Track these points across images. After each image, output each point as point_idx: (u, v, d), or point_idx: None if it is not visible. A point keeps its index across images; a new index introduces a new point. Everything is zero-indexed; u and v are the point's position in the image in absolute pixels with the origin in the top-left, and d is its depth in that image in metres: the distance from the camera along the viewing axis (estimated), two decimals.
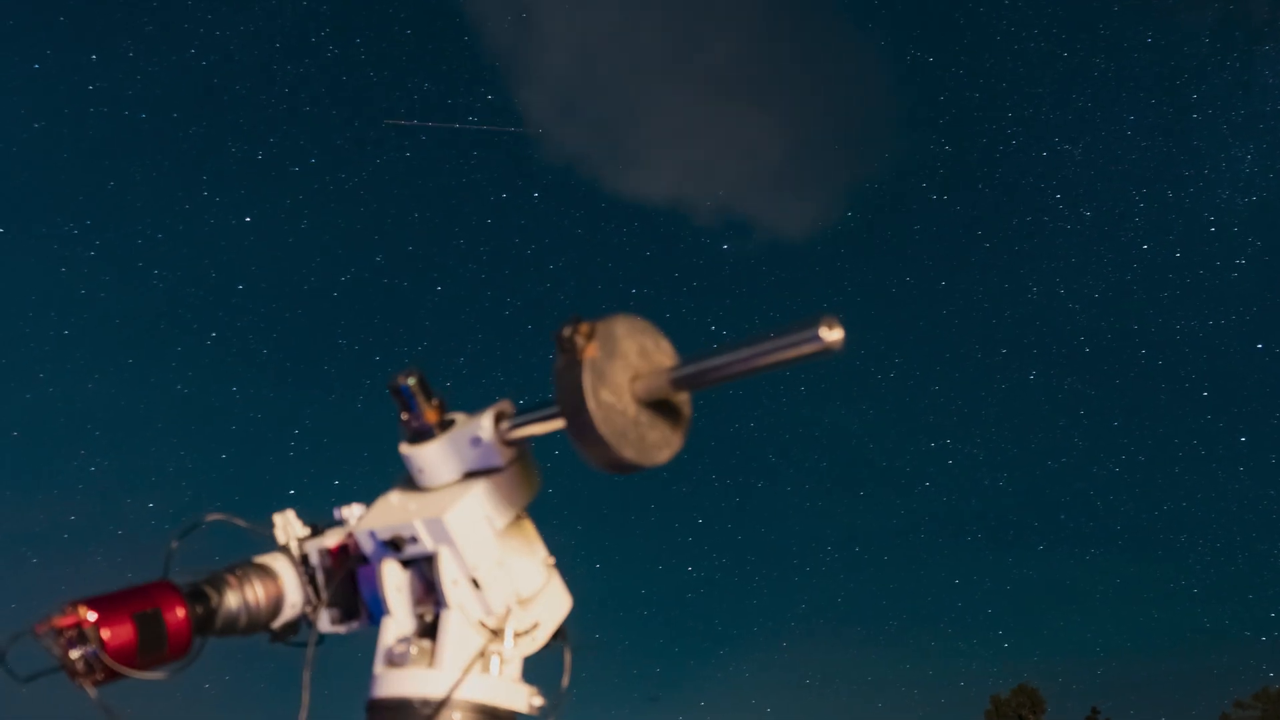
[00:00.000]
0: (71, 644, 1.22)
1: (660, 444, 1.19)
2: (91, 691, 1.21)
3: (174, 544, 1.35)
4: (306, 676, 1.28)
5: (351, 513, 1.39)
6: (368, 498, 1.37)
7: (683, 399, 1.22)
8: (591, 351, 1.14)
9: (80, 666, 1.21)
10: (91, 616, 1.22)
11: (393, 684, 1.25)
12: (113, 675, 1.23)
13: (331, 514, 1.41)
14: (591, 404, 1.12)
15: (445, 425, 1.31)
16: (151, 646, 1.25)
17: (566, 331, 1.14)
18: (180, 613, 1.28)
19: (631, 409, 1.16)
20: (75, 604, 1.23)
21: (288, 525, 1.41)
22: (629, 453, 1.14)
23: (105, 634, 1.22)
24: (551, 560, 1.36)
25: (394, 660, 1.26)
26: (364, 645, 1.31)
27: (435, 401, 1.31)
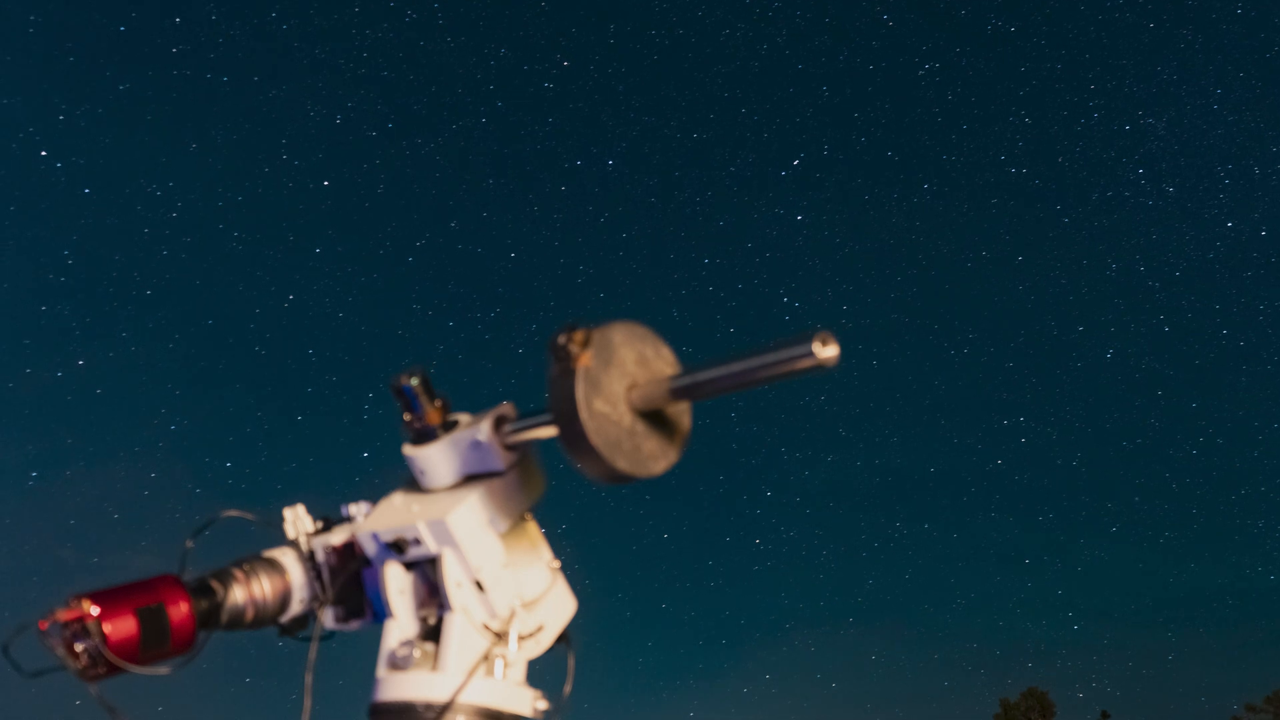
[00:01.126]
0: (76, 638, 1.22)
1: (656, 454, 1.17)
2: (93, 689, 1.22)
3: (189, 543, 1.35)
4: (308, 678, 1.28)
5: (359, 510, 1.38)
6: None
7: (682, 408, 1.20)
8: (586, 360, 1.12)
9: (84, 661, 1.22)
10: (94, 611, 1.23)
11: (396, 688, 1.25)
12: (115, 670, 1.24)
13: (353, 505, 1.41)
14: (584, 414, 1.11)
15: (448, 426, 1.30)
16: (154, 642, 1.25)
17: (561, 339, 1.12)
18: (184, 607, 1.28)
19: (627, 419, 1.14)
20: (79, 597, 1.24)
21: (297, 520, 1.40)
22: (622, 463, 1.13)
23: (107, 628, 1.22)
24: (557, 564, 1.35)
25: (397, 663, 1.26)
26: (369, 646, 1.31)
27: (438, 402, 1.30)
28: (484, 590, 1.27)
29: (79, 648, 1.22)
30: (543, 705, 1.28)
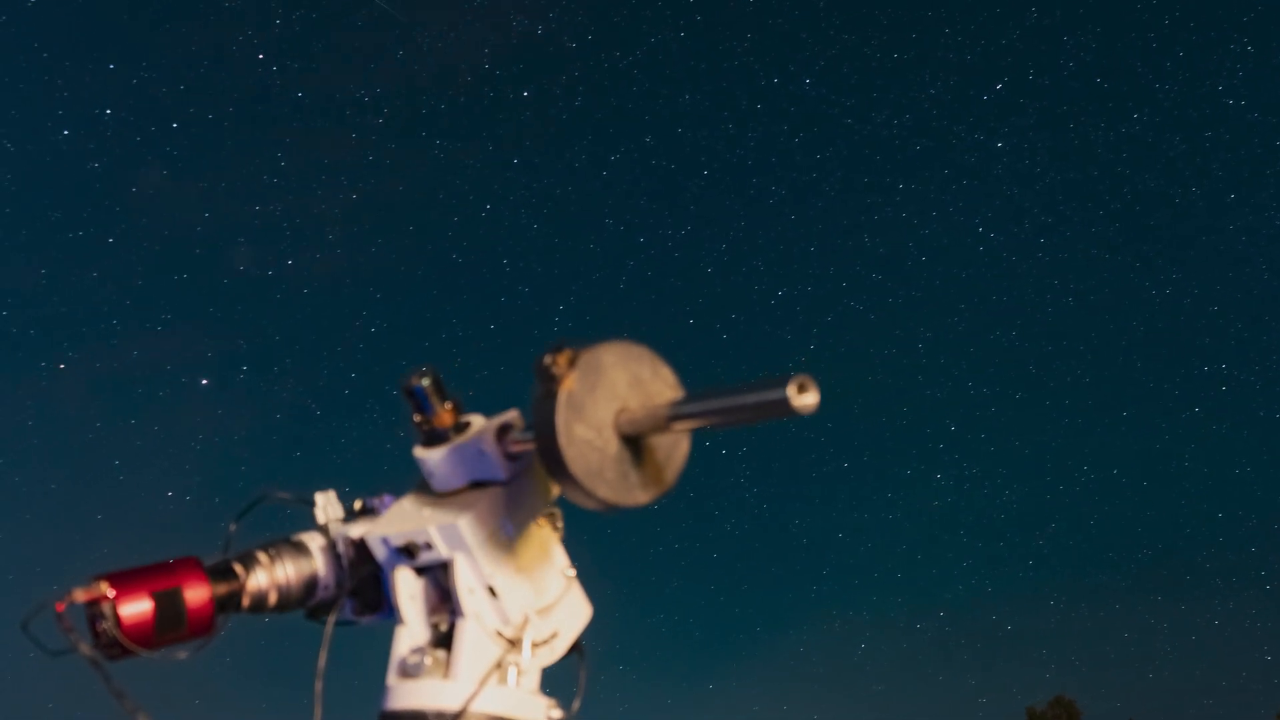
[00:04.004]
0: (95, 619, 1.22)
1: (645, 483, 1.13)
2: (100, 673, 1.19)
3: (232, 527, 1.34)
4: (318, 686, 1.25)
5: (382, 503, 1.36)
6: None
7: (680, 434, 1.16)
8: (569, 383, 1.08)
9: (103, 641, 1.21)
10: (110, 593, 1.22)
11: (406, 696, 1.22)
12: (128, 652, 1.23)
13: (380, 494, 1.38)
14: (562, 440, 1.07)
15: (460, 428, 1.27)
16: (170, 625, 1.24)
17: (546, 359, 1.09)
18: (203, 591, 1.26)
19: (612, 445, 1.11)
20: (98, 579, 1.23)
21: (328, 505, 1.38)
22: (604, 492, 1.10)
23: (122, 610, 1.22)
24: (572, 571, 1.32)
25: (408, 671, 1.23)
26: (381, 649, 1.28)
27: (449, 404, 1.27)
28: (497, 596, 1.24)
29: (100, 627, 1.21)
30: (557, 714, 1.25)
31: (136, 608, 1.23)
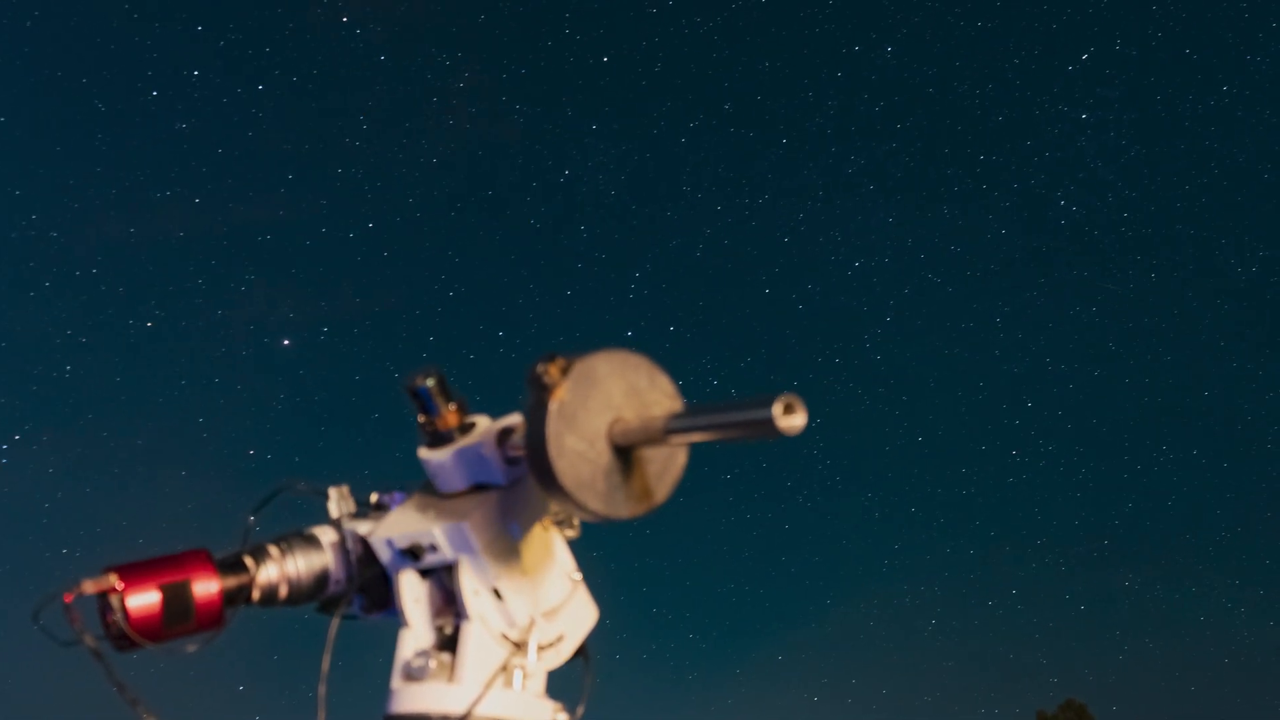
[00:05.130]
0: (105, 611, 1.23)
1: (637, 495, 1.11)
2: (104, 665, 1.20)
3: (251, 518, 1.34)
4: (322, 689, 1.25)
5: (393, 500, 1.36)
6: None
7: (675, 446, 1.13)
8: (561, 394, 1.06)
9: (112, 632, 1.23)
10: (119, 585, 1.23)
11: (411, 699, 1.22)
12: (135, 645, 1.24)
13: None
14: (553, 451, 1.06)
15: (465, 429, 1.26)
16: (177, 618, 1.25)
17: (539, 368, 1.07)
18: (212, 584, 1.27)
19: (604, 457, 1.09)
20: (107, 570, 1.24)
21: (341, 500, 1.38)
22: (595, 504, 1.08)
23: (129, 603, 1.23)
24: (578, 576, 1.30)
25: (412, 675, 1.22)
26: (385, 651, 1.28)
27: (453, 405, 1.25)
28: (502, 599, 1.23)
29: (109, 619, 1.22)
30: (563, 718, 1.25)
31: (144, 600, 1.23)
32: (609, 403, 1.10)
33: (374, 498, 1.37)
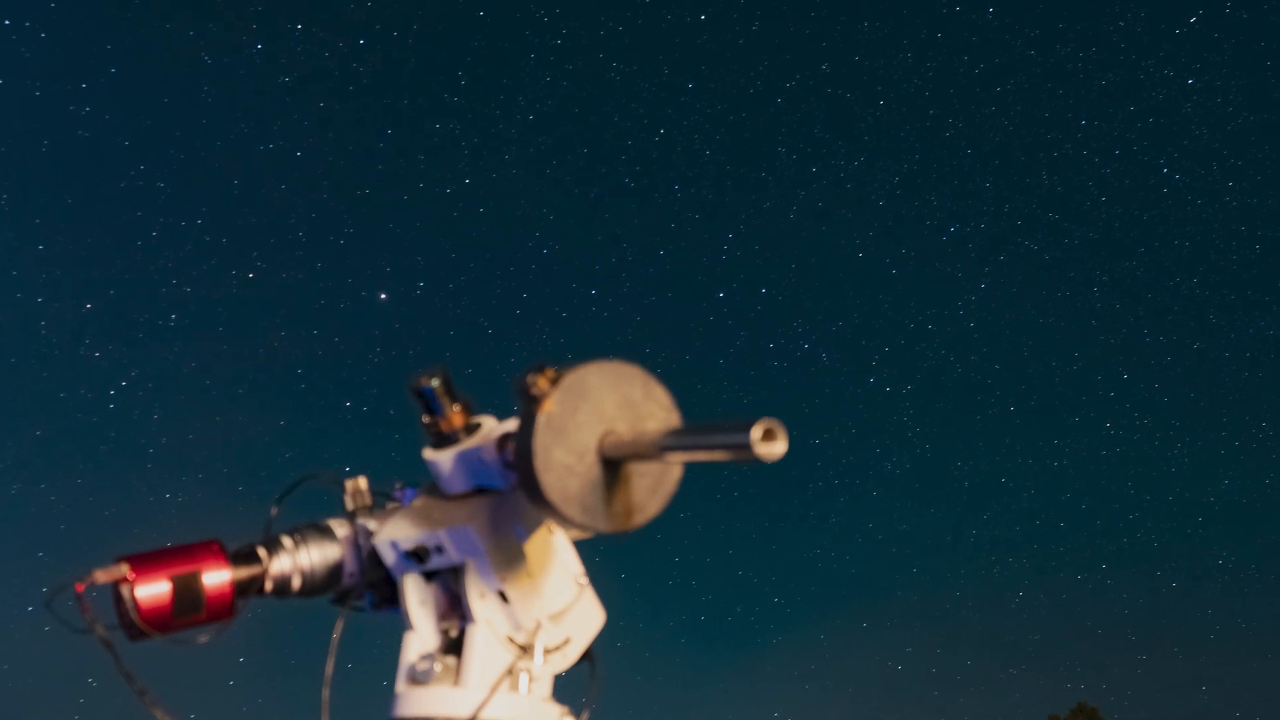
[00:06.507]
0: (117, 600, 1.24)
1: (629, 509, 1.08)
2: (112, 654, 1.22)
3: (274, 510, 1.35)
4: (325, 694, 1.26)
5: (404, 495, 1.35)
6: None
7: (668, 461, 1.09)
8: (549, 405, 1.04)
9: (123, 622, 1.24)
10: (130, 575, 1.24)
11: (416, 703, 1.21)
12: (145, 635, 1.25)
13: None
14: (539, 464, 1.03)
15: (470, 430, 1.25)
16: (187, 608, 1.26)
17: (527, 379, 1.04)
18: (223, 575, 1.27)
19: (594, 470, 1.06)
20: (119, 560, 1.25)
21: (357, 493, 1.37)
22: (580, 518, 1.05)
23: (139, 593, 1.24)
24: (585, 580, 1.28)
25: (417, 678, 1.22)
26: (390, 652, 1.28)
27: (458, 406, 1.24)
28: (508, 601, 1.22)
29: (121, 608, 1.24)
30: None
31: (154, 590, 1.24)
32: (600, 415, 1.07)
33: (398, 485, 1.36)
